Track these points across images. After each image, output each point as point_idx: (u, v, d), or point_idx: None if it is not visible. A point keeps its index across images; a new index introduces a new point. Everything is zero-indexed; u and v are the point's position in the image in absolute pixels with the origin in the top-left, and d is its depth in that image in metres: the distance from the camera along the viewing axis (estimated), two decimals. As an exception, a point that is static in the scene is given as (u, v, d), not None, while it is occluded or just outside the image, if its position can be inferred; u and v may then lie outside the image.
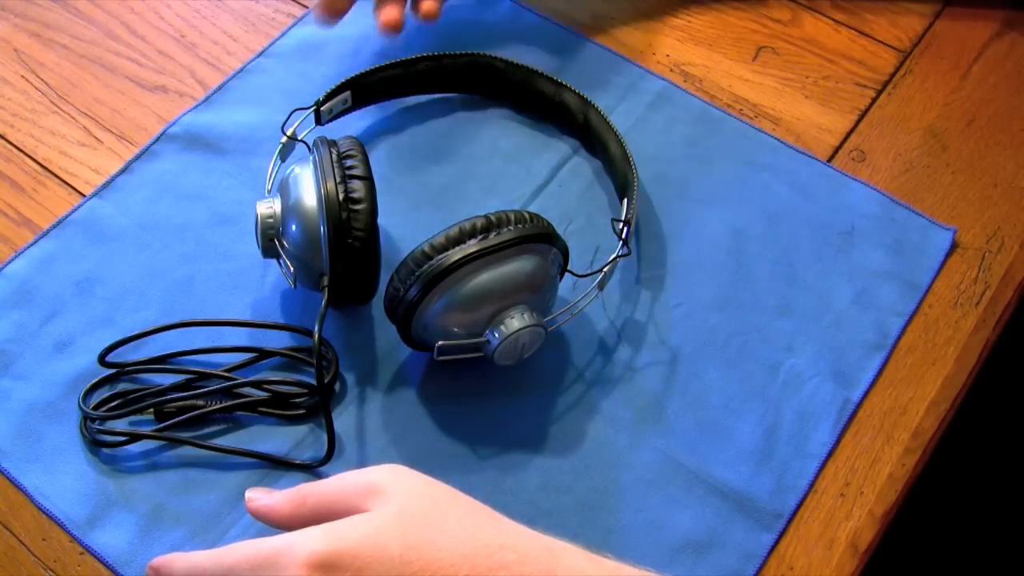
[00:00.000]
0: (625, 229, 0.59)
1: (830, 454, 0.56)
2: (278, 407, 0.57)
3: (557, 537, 0.44)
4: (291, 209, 0.55)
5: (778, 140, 0.68)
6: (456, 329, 0.53)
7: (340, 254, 0.54)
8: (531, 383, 0.58)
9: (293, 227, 0.55)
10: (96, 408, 0.55)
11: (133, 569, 0.52)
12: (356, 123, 0.68)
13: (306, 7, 0.75)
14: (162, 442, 0.55)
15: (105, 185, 0.65)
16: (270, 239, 0.56)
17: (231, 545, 0.44)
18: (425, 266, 0.52)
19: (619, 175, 0.64)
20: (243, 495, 0.49)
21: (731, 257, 0.63)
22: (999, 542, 0.97)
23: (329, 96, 0.64)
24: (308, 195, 0.54)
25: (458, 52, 0.68)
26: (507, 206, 0.55)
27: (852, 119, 0.70)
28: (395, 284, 0.53)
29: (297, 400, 0.57)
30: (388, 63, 0.66)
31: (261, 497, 0.47)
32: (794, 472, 0.56)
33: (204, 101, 0.69)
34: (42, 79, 0.71)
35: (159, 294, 0.61)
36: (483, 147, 0.68)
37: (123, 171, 0.66)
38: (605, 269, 0.58)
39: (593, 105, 0.66)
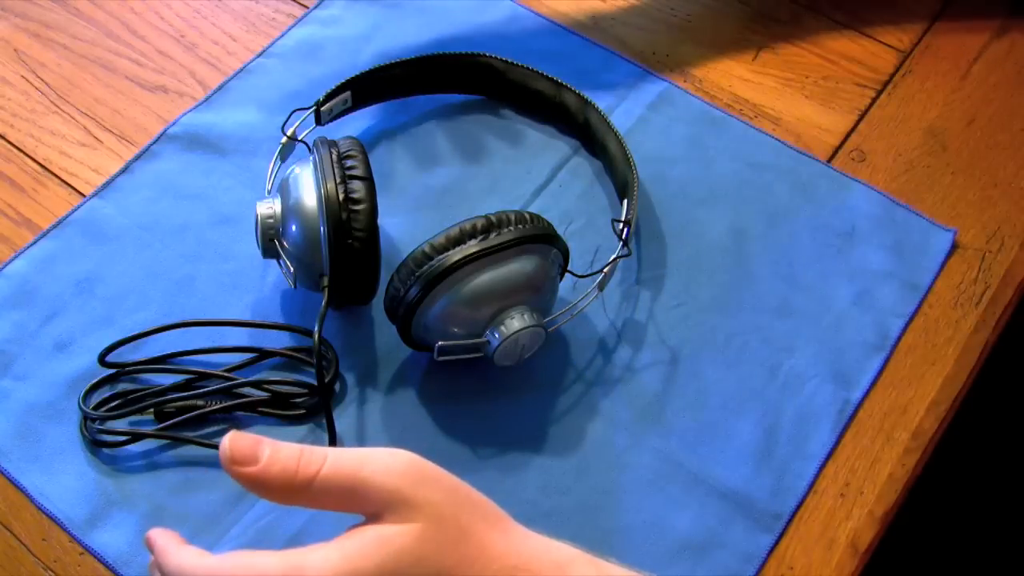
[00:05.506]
0: (625, 229, 0.59)
1: (830, 454, 0.56)
2: (278, 407, 0.57)
3: (557, 538, 0.43)
4: (291, 209, 0.55)
5: (778, 140, 0.68)
6: (456, 329, 0.53)
7: (340, 254, 0.54)
8: (531, 383, 0.58)
9: (293, 227, 0.55)
10: (96, 408, 0.55)
11: (133, 569, 0.52)
12: (356, 123, 0.68)
13: (306, 7, 0.75)
14: (162, 442, 0.55)
15: (105, 185, 0.65)
16: (270, 239, 0.56)
17: (226, 559, 0.39)
18: (425, 266, 0.52)
19: (619, 175, 0.64)
20: (244, 495, 0.49)
21: (731, 257, 0.63)
22: (999, 542, 0.97)
23: (329, 96, 0.64)
24: (308, 195, 0.54)
25: (458, 52, 0.68)
26: (507, 206, 0.55)
27: (852, 119, 0.70)
28: (395, 284, 0.53)
29: (297, 400, 0.57)
30: (388, 63, 0.66)
31: (246, 446, 0.39)
32: (794, 472, 0.56)
33: (204, 101, 0.69)
34: (42, 79, 0.71)
35: (159, 294, 0.61)
36: (483, 147, 0.68)
37: (123, 171, 0.66)
38: (605, 270, 0.58)
39: (593, 105, 0.66)
